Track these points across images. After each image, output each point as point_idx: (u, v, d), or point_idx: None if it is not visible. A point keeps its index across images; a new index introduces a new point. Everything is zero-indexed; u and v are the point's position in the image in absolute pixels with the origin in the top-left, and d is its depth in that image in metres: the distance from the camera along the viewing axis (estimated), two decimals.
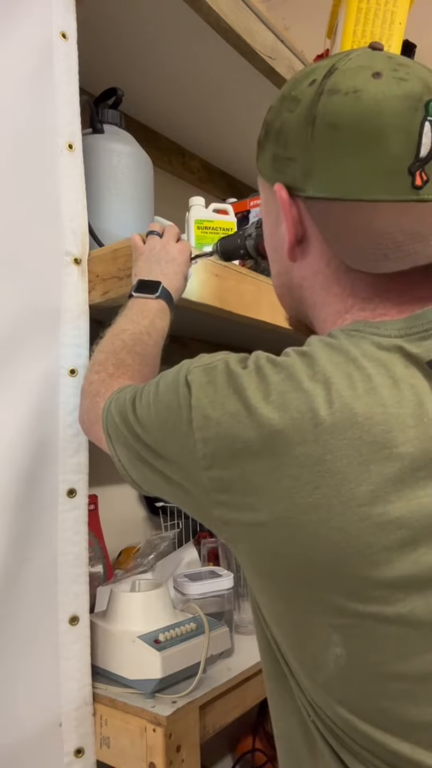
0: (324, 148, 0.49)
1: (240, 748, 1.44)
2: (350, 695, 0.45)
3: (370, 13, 1.45)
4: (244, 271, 1.00)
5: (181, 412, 0.47)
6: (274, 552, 0.44)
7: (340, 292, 0.53)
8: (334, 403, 0.42)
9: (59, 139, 0.83)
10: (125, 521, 1.29)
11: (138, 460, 0.55)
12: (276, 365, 0.46)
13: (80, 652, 0.78)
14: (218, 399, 0.45)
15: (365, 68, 0.49)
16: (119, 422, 0.56)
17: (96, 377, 0.68)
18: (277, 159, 0.54)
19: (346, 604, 0.42)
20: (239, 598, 1.00)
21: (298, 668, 0.49)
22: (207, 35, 1.04)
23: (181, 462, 0.48)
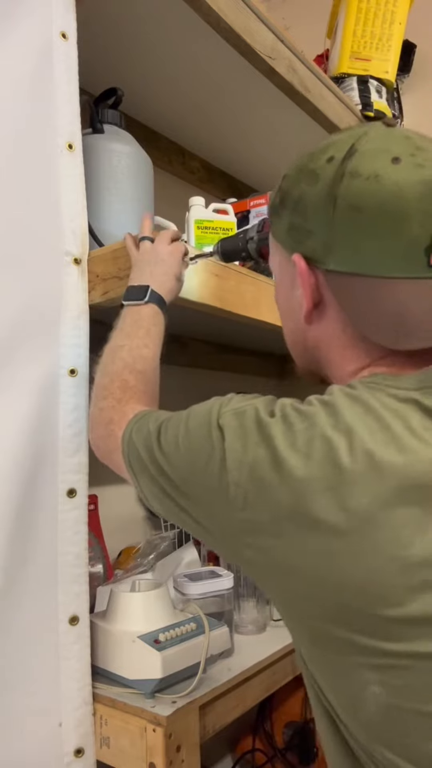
0: (346, 227, 0.52)
1: (240, 748, 1.44)
2: (392, 735, 0.46)
3: (370, 13, 1.46)
4: (244, 271, 1.00)
5: (214, 453, 0.49)
6: (303, 595, 0.46)
7: (357, 355, 0.56)
8: (356, 451, 0.44)
9: (59, 139, 0.82)
10: (125, 521, 1.29)
11: (162, 493, 0.55)
12: (301, 414, 0.48)
13: (80, 652, 0.78)
14: (249, 444, 0.48)
15: (384, 152, 0.52)
16: (144, 455, 0.57)
17: (105, 403, 0.68)
18: (295, 229, 0.56)
19: (377, 644, 0.44)
20: (239, 598, 1.00)
21: (339, 709, 0.50)
22: (207, 35, 1.04)
23: (211, 502, 0.50)
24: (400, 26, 1.47)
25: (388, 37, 1.46)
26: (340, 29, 1.49)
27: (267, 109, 1.32)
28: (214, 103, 1.31)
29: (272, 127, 1.40)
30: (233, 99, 1.29)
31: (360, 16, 1.46)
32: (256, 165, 1.60)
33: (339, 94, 1.37)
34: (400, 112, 1.70)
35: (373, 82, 1.48)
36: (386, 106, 1.50)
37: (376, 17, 1.46)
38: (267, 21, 1.10)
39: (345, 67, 1.48)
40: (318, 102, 1.28)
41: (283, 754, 1.38)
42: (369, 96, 1.47)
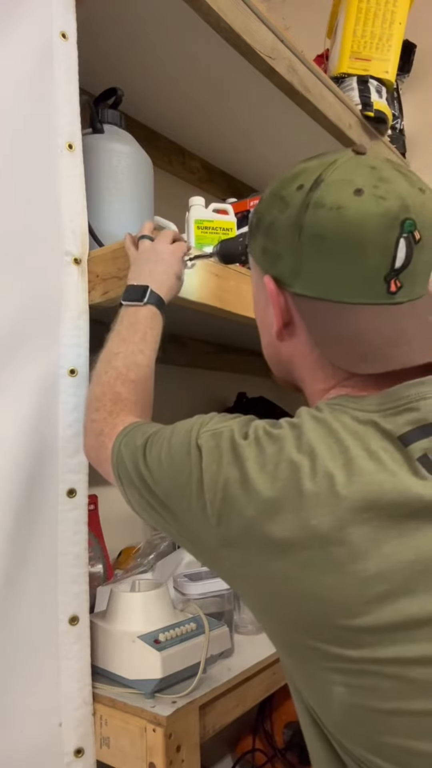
0: (310, 255, 0.55)
1: (240, 748, 1.44)
2: (357, 731, 0.48)
3: (370, 13, 1.46)
4: (244, 271, 1.00)
5: (192, 472, 0.52)
6: (270, 606, 0.51)
7: (324, 375, 0.59)
8: (318, 474, 0.48)
9: (59, 139, 0.83)
10: (125, 521, 1.29)
11: (147, 505, 0.58)
12: (271, 437, 0.51)
13: (80, 652, 0.78)
14: (223, 464, 0.51)
15: (348, 183, 0.54)
16: (131, 469, 0.60)
17: (96, 415, 0.70)
18: (267, 252, 0.59)
19: (338, 651, 0.47)
20: (239, 598, 1.00)
21: (315, 707, 0.53)
22: (207, 35, 1.04)
23: (190, 518, 0.53)
24: (400, 26, 1.47)
25: (388, 37, 1.46)
26: (340, 29, 1.49)
27: (267, 109, 1.32)
28: (214, 103, 1.31)
29: (272, 127, 1.40)
30: (233, 99, 1.29)
31: (360, 16, 1.46)
32: (256, 165, 1.60)
33: (339, 94, 1.37)
34: (400, 112, 1.70)
35: (373, 82, 1.48)
36: (386, 106, 1.51)
37: (376, 17, 1.46)
38: (267, 21, 1.10)
39: (345, 67, 1.48)
40: (318, 102, 1.28)
41: (283, 754, 1.38)
42: (369, 96, 1.47)
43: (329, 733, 0.53)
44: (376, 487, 0.47)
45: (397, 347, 0.53)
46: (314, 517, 0.46)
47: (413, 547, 0.46)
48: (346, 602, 0.46)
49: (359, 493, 0.46)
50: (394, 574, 0.45)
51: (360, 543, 0.46)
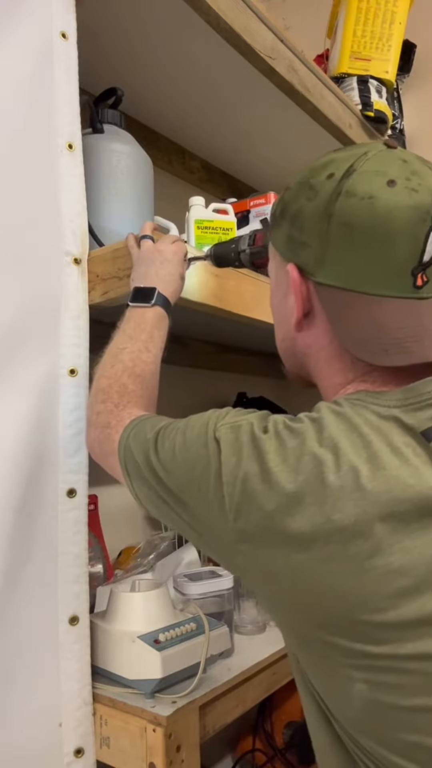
0: (338, 244, 0.55)
1: (240, 748, 1.44)
2: (375, 727, 0.48)
3: (370, 12, 1.46)
4: (244, 271, 1.00)
5: (210, 465, 0.51)
6: (289, 601, 0.50)
7: (342, 368, 0.58)
8: (342, 467, 0.47)
9: (59, 139, 0.82)
10: (125, 521, 1.29)
11: (157, 498, 0.57)
12: (292, 431, 0.50)
13: (80, 652, 0.78)
14: (243, 458, 0.50)
15: (381, 174, 0.54)
16: (141, 462, 0.58)
17: (102, 407, 0.69)
18: (292, 240, 0.59)
19: (360, 647, 0.46)
20: (239, 598, 1.00)
21: (330, 704, 0.52)
22: (207, 35, 1.04)
23: (206, 511, 0.52)
24: (400, 26, 1.47)
25: (388, 37, 1.46)
26: (340, 29, 1.49)
27: (267, 109, 1.32)
28: (214, 103, 1.31)
29: (272, 127, 1.40)
30: (233, 99, 1.29)
31: (360, 16, 1.46)
32: (256, 165, 1.60)
33: (339, 94, 1.37)
34: (400, 112, 1.70)
35: (373, 82, 1.48)
36: (386, 106, 1.50)
37: (376, 17, 1.46)
38: (267, 21, 1.10)
39: (345, 67, 1.48)
40: (318, 102, 1.28)
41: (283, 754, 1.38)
42: (369, 96, 1.47)
43: (340, 726, 0.52)
44: (400, 481, 0.46)
45: (419, 342, 0.53)
46: (338, 511, 0.46)
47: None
48: (369, 597, 0.45)
49: (384, 487, 0.46)
50: (416, 568, 0.45)
51: (383, 537, 0.45)
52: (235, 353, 1.52)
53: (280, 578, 0.49)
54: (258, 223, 1.19)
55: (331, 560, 0.46)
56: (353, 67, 1.48)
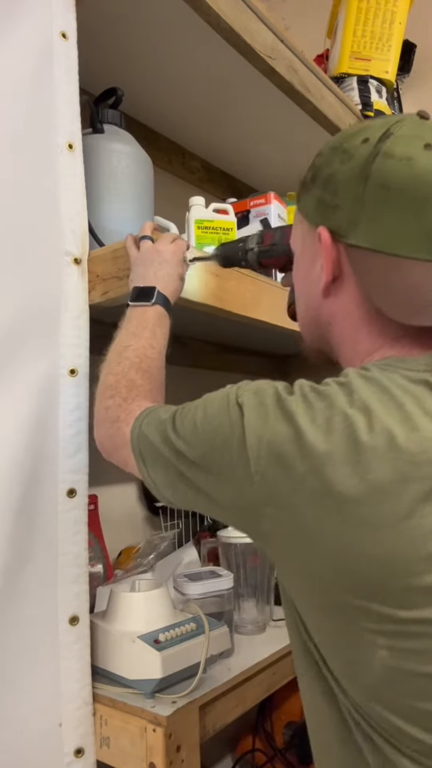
0: (373, 205, 0.54)
1: (240, 748, 1.44)
2: (392, 696, 0.48)
3: (370, 12, 1.46)
4: (244, 271, 1.00)
5: (233, 431, 0.51)
6: (319, 564, 0.48)
7: (370, 333, 0.57)
8: (375, 427, 0.46)
9: (59, 139, 0.83)
10: (125, 521, 1.29)
11: (177, 479, 0.56)
12: (319, 394, 0.50)
13: (80, 652, 0.78)
14: (269, 421, 0.49)
15: (418, 138, 0.54)
16: (158, 441, 0.58)
17: (111, 402, 0.69)
18: (323, 204, 0.58)
19: (389, 612, 0.46)
20: (239, 598, 1.00)
21: (339, 672, 0.51)
22: (207, 35, 1.04)
23: (230, 478, 0.51)
24: (400, 26, 1.47)
25: (388, 37, 1.46)
26: (340, 29, 1.49)
27: (267, 109, 1.32)
28: (214, 103, 1.31)
29: (272, 127, 1.40)
30: (233, 99, 1.29)
31: (360, 15, 1.46)
32: (256, 165, 1.60)
33: (339, 94, 1.37)
34: (400, 112, 1.70)
35: (373, 82, 1.48)
36: (386, 106, 1.50)
37: (376, 17, 1.46)
38: (267, 21, 1.10)
39: (345, 67, 1.48)
40: (318, 102, 1.28)
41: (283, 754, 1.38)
42: (369, 96, 1.47)
43: (349, 701, 0.51)
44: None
45: None
46: (372, 471, 0.45)
47: None
48: (403, 560, 0.45)
49: (419, 447, 0.46)
50: None
51: (418, 499, 0.45)
52: (235, 353, 1.52)
53: (308, 541, 0.48)
54: (258, 223, 1.19)
55: (364, 522, 0.45)
56: (353, 67, 1.48)
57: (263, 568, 1.02)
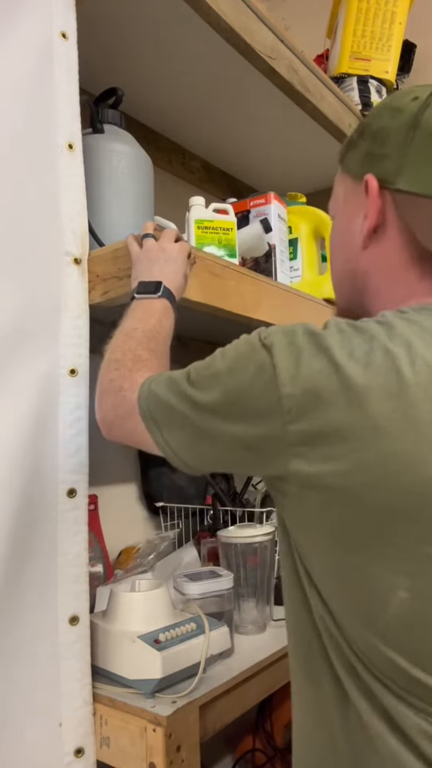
0: (420, 151, 0.57)
1: (240, 748, 1.44)
2: (409, 641, 0.48)
3: (370, 12, 1.46)
4: (245, 271, 1.00)
5: (262, 372, 0.50)
6: (353, 501, 0.48)
7: (408, 279, 0.59)
8: (416, 362, 0.47)
9: (59, 139, 0.83)
10: (125, 521, 1.29)
11: (194, 436, 0.56)
12: (356, 329, 0.50)
13: (80, 651, 0.78)
14: (304, 357, 0.49)
15: None
16: (172, 399, 0.57)
17: (116, 374, 0.67)
18: (371, 155, 0.60)
19: (419, 547, 0.46)
20: (239, 598, 1.00)
21: (349, 619, 0.51)
22: (207, 35, 1.04)
23: (261, 421, 0.50)
24: (400, 26, 1.47)
25: (388, 37, 1.46)
26: (340, 29, 1.49)
27: (267, 109, 1.32)
28: (214, 103, 1.31)
29: (272, 127, 1.40)
30: (233, 99, 1.29)
31: (360, 15, 1.46)
32: (256, 165, 1.60)
33: (339, 94, 1.37)
34: None
35: (373, 82, 1.48)
36: None
37: (376, 17, 1.46)
38: (267, 21, 1.10)
39: (345, 67, 1.48)
40: (318, 102, 1.28)
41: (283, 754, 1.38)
42: (369, 96, 1.47)
43: (348, 647, 0.52)
44: None
45: None
46: (415, 405, 0.46)
47: None
48: None
49: None
50: None
51: None
52: None
53: (343, 477, 0.47)
54: (258, 223, 1.19)
55: (404, 453, 0.45)
56: (353, 67, 1.48)
57: (263, 568, 1.02)
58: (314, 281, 1.31)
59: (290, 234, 1.30)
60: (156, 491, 1.31)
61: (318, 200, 1.58)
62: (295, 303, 1.11)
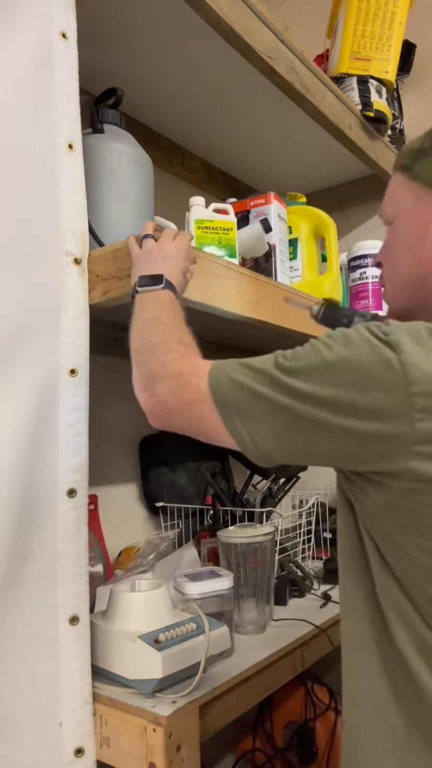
0: None
1: (240, 748, 1.44)
2: None
3: (370, 12, 1.46)
4: (245, 271, 1.00)
5: (389, 369, 0.52)
6: None
7: None
8: None
9: (59, 139, 0.82)
10: (125, 521, 1.29)
11: (291, 427, 0.56)
12: None
13: (80, 651, 0.78)
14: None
15: None
16: (266, 391, 0.57)
17: (166, 357, 0.66)
18: None
19: None
20: (239, 598, 1.00)
21: (423, 592, 0.57)
22: (207, 35, 1.04)
23: (382, 416, 0.52)
24: (400, 26, 1.47)
25: (388, 37, 1.46)
26: (340, 29, 1.49)
27: (267, 109, 1.32)
28: (214, 103, 1.31)
29: (272, 127, 1.40)
30: (233, 99, 1.29)
31: (360, 16, 1.46)
32: (256, 165, 1.60)
33: (339, 94, 1.37)
34: (400, 112, 1.70)
35: (373, 82, 1.48)
36: (386, 106, 1.50)
37: (376, 17, 1.46)
38: (267, 21, 1.10)
39: (345, 67, 1.48)
40: (318, 102, 1.28)
41: (283, 754, 1.38)
42: (369, 96, 1.47)
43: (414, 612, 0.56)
44: None
45: None
46: None
47: None
48: None
49: None
50: None
51: None
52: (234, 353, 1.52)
53: None
54: (258, 223, 1.19)
55: None
56: (353, 67, 1.48)
57: (263, 568, 1.02)
58: (314, 281, 1.31)
59: (290, 234, 1.30)
60: (156, 491, 1.31)
61: (318, 200, 1.58)
62: None
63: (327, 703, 1.39)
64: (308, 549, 1.35)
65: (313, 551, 1.36)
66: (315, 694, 1.41)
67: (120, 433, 1.29)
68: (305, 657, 0.99)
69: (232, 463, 1.47)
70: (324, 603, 1.12)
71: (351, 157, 1.50)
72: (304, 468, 1.51)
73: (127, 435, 1.31)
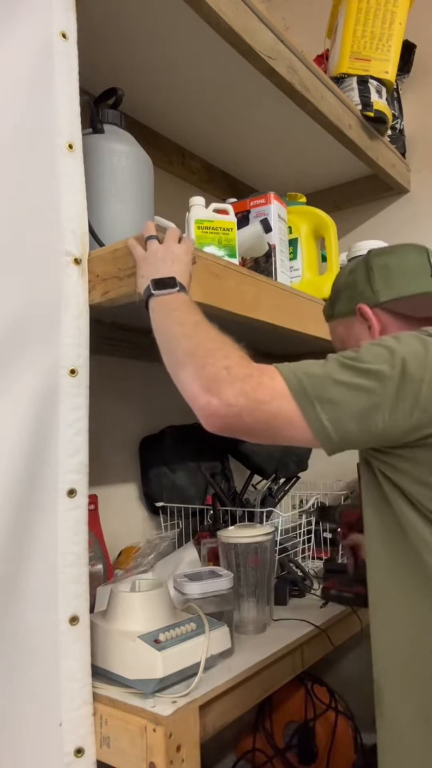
0: (381, 276, 0.82)
1: (240, 748, 1.44)
2: None
3: (370, 13, 1.46)
4: (245, 271, 1.00)
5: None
6: None
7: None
8: None
9: (59, 139, 0.82)
10: (125, 521, 1.29)
11: (379, 405, 0.64)
12: None
13: (80, 651, 0.78)
14: None
15: None
16: (347, 379, 0.64)
17: (229, 362, 0.68)
18: (351, 298, 0.84)
19: None
20: (239, 598, 1.00)
21: None
22: (207, 35, 1.04)
23: None
24: (400, 26, 1.47)
25: (388, 37, 1.46)
26: (340, 29, 1.49)
27: (267, 109, 1.32)
28: (214, 103, 1.31)
29: (272, 127, 1.40)
30: (233, 99, 1.29)
31: (360, 16, 1.46)
32: (256, 165, 1.60)
33: (339, 94, 1.37)
34: (400, 112, 1.70)
35: (373, 82, 1.48)
36: (386, 106, 1.50)
37: (376, 17, 1.46)
38: (267, 21, 1.10)
39: (345, 67, 1.48)
40: (318, 102, 1.28)
41: (283, 754, 1.38)
42: (369, 96, 1.47)
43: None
44: None
45: None
46: None
47: None
48: None
49: None
50: None
51: None
52: None
53: None
54: (258, 223, 1.19)
55: None
56: (353, 67, 1.48)
57: (263, 568, 1.02)
58: (314, 281, 1.31)
59: (290, 234, 1.30)
60: (156, 491, 1.31)
61: (318, 200, 1.58)
62: (295, 303, 1.11)
63: (327, 703, 1.39)
64: (308, 549, 1.35)
65: (313, 551, 1.36)
66: (315, 694, 1.41)
67: (120, 433, 1.29)
68: (305, 657, 0.99)
69: (232, 463, 1.47)
70: (324, 603, 1.12)
71: (351, 157, 1.50)
72: (304, 468, 1.51)
73: (127, 435, 1.31)
